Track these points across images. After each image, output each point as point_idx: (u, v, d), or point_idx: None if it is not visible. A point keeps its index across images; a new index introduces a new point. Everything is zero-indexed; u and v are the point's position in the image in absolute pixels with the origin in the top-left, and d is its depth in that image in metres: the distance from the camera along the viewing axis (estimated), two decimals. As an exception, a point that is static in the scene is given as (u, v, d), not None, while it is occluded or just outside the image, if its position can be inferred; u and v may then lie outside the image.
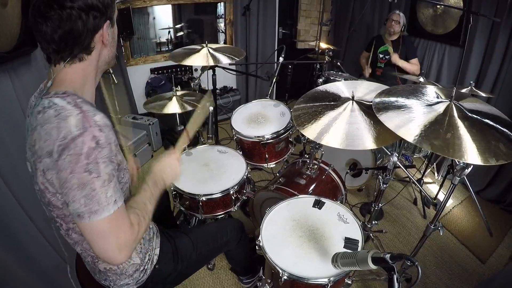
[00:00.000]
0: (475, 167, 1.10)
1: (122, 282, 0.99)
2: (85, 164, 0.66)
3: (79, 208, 0.67)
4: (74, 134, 0.66)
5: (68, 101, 0.71)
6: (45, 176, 0.71)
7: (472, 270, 1.95)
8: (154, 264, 1.06)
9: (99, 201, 0.68)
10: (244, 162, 1.74)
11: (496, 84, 2.39)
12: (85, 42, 0.73)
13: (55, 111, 0.69)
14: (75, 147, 0.65)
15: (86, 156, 0.66)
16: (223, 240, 1.34)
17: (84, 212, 0.67)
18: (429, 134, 1.05)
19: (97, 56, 0.79)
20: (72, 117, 0.67)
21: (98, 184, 0.68)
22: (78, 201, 0.67)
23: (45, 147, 0.68)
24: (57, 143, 0.66)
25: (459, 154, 0.99)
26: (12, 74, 1.34)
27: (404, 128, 1.08)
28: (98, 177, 0.68)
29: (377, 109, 1.19)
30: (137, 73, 3.29)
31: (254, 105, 2.02)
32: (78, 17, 0.68)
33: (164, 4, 3.32)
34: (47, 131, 0.68)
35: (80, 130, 0.66)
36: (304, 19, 3.98)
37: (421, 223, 2.30)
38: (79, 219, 0.68)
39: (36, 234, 1.38)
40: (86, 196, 0.67)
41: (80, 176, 0.66)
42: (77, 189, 0.66)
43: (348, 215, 1.32)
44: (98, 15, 0.72)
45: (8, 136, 1.28)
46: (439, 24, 2.79)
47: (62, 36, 0.69)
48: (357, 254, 0.89)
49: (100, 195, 0.68)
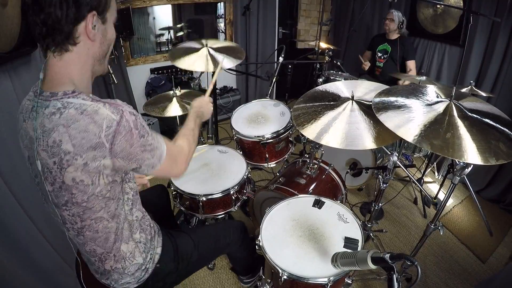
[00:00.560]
0: (475, 166, 1.10)
1: (123, 281, 0.99)
2: (137, 134, 0.77)
3: (150, 161, 0.84)
4: (117, 119, 0.73)
5: (83, 98, 0.75)
6: (85, 168, 0.73)
7: (472, 270, 1.95)
8: (156, 263, 1.06)
9: (157, 148, 0.85)
10: (244, 162, 1.74)
11: (496, 84, 2.39)
12: (64, 29, 0.72)
13: (76, 110, 0.72)
14: (124, 128, 0.74)
15: (135, 127, 0.76)
16: (225, 242, 1.34)
17: (155, 161, 0.85)
18: (428, 133, 1.05)
19: (86, 52, 0.78)
20: (102, 109, 0.73)
21: (150, 139, 0.82)
22: (147, 158, 0.82)
23: (85, 143, 0.71)
24: (103, 134, 0.72)
25: (459, 154, 0.99)
26: (12, 74, 1.33)
27: (403, 128, 1.08)
28: (148, 134, 0.82)
29: (376, 108, 1.19)
30: (137, 73, 3.29)
31: (254, 105, 2.03)
32: (58, 3, 0.69)
33: (164, 4, 3.32)
34: (81, 129, 0.70)
35: (118, 113, 0.74)
36: (304, 19, 3.98)
37: (421, 223, 2.30)
38: (153, 168, 0.86)
39: (36, 234, 1.38)
40: (149, 150, 0.82)
41: (138, 143, 0.78)
42: (141, 152, 0.80)
43: (348, 214, 1.32)
44: (79, 4, 0.71)
45: (8, 136, 1.28)
46: (439, 23, 2.79)
47: (43, 20, 0.70)
48: (357, 254, 0.89)
49: (155, 144, 0.84)
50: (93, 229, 0.85)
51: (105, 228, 0.86)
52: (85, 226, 0.84)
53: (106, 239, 0.89)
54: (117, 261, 0.95)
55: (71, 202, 0.79)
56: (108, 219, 0.86)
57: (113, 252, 0.92)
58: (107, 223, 0.86)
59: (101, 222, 0.85)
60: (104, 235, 0.87)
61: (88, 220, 0.83)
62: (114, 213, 0.86)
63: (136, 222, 0.97)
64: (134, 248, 0.97)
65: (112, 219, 0.87)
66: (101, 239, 0.88)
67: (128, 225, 0.93)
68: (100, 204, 0.81)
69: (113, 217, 0.87)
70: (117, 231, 0.90)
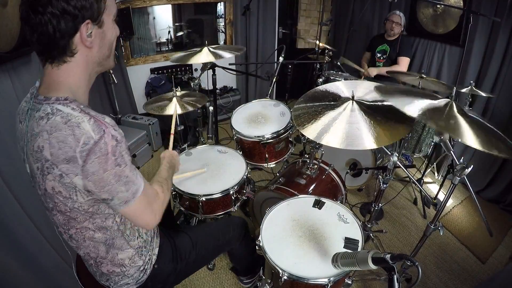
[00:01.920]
0: (475, 167, 1.10)
1: (122, 282, 0.99)
2: (114, 160, 0.72)
3: (123, 195, 0.77)
4: (95, 138, 0.69)
5: (72, 108, 0.72)
6: (62, 180, 0.72)
7: (472, 270, 1.95)
8: (153, 264, 1.06)
9: (134, 181, 0.79)
10: (244, 162, 1.73)
11: (496, 84, 2.39)
12: (60, 44, 0.72)
13: (62, 118, 0.70)
14: (99, 149, 0.70)
15: (112, 153, 0.72)
16: (225, 239, 1.34)
17: (129, 196, 0.78)
18: (433, 115, 1.08)
19: (84, 58, 0.78)
20: (85, 123, 0.70)
21: (127, 170, 0.77)
22: (121, 191, 0.76)
23: (61, 154, 0.69)
24: (78, 150, 0.68)
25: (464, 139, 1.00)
26: (12, 74, 1.34)
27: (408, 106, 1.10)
28: (126, 165, 0.76)
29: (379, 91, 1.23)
30: (137, 73, 3.29)
31: (254, 105, 2.02)
32: (48, 21, 0.68)
33: (164, 4, 3.32)
34: (60, 139, 0.69)
35: (99, 133, 0.70)
36: (304, 19, 3.98)
37: (421, 223, 2.30)
38: (126, 204, 0.79)
39: (36, 234, 1.38)
40: (125, 183, 0.77)
41: (113, 172, 0.73)
42: (115, 182, 0.74)
43: (348, 215, 1.32)
44: (70, 19, 0.70)
45: (8, 136, 1.28)
46: (439, 23, 2.79)
47: (38, 39, 0.71)
48: (357, 254, 0.89)
49: (132, 177, 0.79)
50: (80, 238, 0.85)
51: (92, 238, 0.86)
52: (72, 234, 0.84)
53: (96, 248, 0.89)
54: (114, 266, 0.94)
55: (56, 209, 0.79)
56: (94, 230, 0.84)
57: (108, 258, 0.92)
58: (93, 233, 0.85)
59: (87, 232, 0.84)
60: (92, 243, 0.87)
61: (73, 229, 0.83)
62: (101, 225, 0.85)
63: (133, 229, 0.95)
64: (134, 255, 0.97)
65: (99, 231, 0.85)
66: (91, 247, 0.88)
67: (122, 235, 0.91)
68: (83, 216, 0.80)
69: (100, 229, 0.85)
70: (107, 241, 0.89)
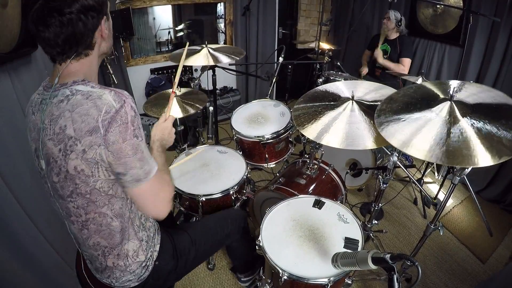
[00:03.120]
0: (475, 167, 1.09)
1: (124, 279, 0.99)
2: (132, 131, 0.75)
3: (137, 172, 0.78)
4: (117, 107, 0.73)
5: (92, 85, 0.77)
6: (85, 156, 0.74)
7: (472, 270, 1.95)
8: (154, 260, 1.06)
9: (149, 161, 0.81)
10: (244, 162, 1.74)
11: (496, 84, 2.39)
12: (87, 41, 0.78)
13: (83, 95, 0.74)
14: (120, 117, 0.73)
15: (131, 123, 0.75)
16: (223, 233, 1.33)
17: (141, 175, 0.79)
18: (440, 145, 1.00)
19: (97, 49, 0.84)
20: (106, 95, 0.74)
21: (143, 145, 0.79)
22: (135, 166, 0.77)
23: (84, 127, 0.72)
24: (100, 119, 0.71)
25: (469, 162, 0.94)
26: (12, 74, 1.33)
27: (411, 144, 1.04)
28: (142, 140, 0.79)
29: (379, 123, 1.15)
30: (137, 73, 3.29)
31: (254, 105, 2.03)
32: (78, 19, 0.72)
33: (164, 5, 3.33)
34: (82, 113, 0.72)
35: (120, 102, 0.74)
36: (304, 19, 3.98)
37: (421, 223, 2.30)
38: (137, 183, 0.79)
39: (36, 234, 1.38)
40: (140, 159, 0.78)
41: (132, 142, 0.75)
42: (132, 154, 0.76)
43: (348, 215, 1.32)
44: (95, 14, 0.76)
45: (8, 136, 1.28)
46: (439, 23, 2.79)
47: (65, 40, 0.74)
48: (357, 254, 0.89)
49: (146, 155, 0.80)
50: (97, 223, 0.86)
51: (109, 225, 0.87)
52: (89, 219, 0.85)
53: (110, 235, 0.89)
54: (119, 258, 0.95)
55: (75, 193, 0.80)
56: (112, 217, 0.86)
57: (117, 249, 0.93)
58: (110, 220, 0.86)
59: (105, 219, 0.85)
60: (108, 230, 0.88)
61: (92, 213, 0.84)
62: (119, 212, 0.87)
63: (140, 221, 0.98)
64: (138, 247, 0.98)
65: (116, 218, 0.87)
66: (105, 233, 0.88)
67: (132, 224, 0.94)
68: (103, 200, 0.82)
69: (117, 216, 0.87)
70: (122, 230, 0.90)
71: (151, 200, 0.85)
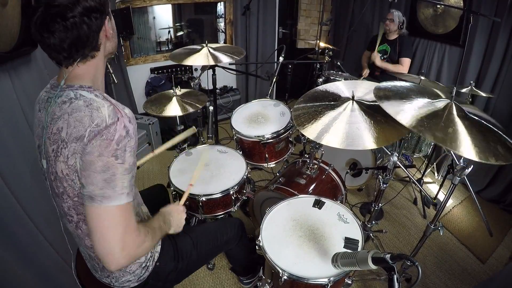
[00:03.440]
0: (475, 167, 1.10)
1: (124, 279, 0.99)
2: (114, 149, 0.70)
3: (93, 190, 0.70)
4: (108, 122, 0.71)
5: (96, 94, 0.76)
6: (67, 162, 0.73)
7: (472, 270, 1.95)
8: (155, 261, 1.06)
9: (115, 187, 0.71)
10: (244, 162, 1.73)
11: (496, 84, 2.39)
12: (93, 43, 0.78)
13: (85, 102, 0.74)
14: (107, 133, 0.70)
15: (116, 142, 0.71)
16: (223, 239, 1.35)
17: (97, 195, 0.71)
18: (431, 125, 1.05)
19: (103, 50, 0.83)
20: (105, 108, 0.73)
21: (120, 170, 0.72)
22: (96, 184, 0.70)
23: (74, 133, 0.71)
24: (89, 129, 0.70)
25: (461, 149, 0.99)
26: (12, 74, 1.33)
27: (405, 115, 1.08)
28: (123, 164, 0.72)
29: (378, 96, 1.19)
30: (137, 72, 3.29)
31: (254, 105, 2.02)
32: (82, 22, 0.72)
33: (164, 4, 3.33)
34: (77, 119, 0.72)
35: (113, 119, 0.72)
36: (304, 19, 3.98)
37: (421, 223, 2.30)
38: (90, 201, 0.71)
39: (36, 234, 1.38)
40: (106, 180, 0.70)
41: (106, 160, 0.70)
42: (100, 172, 0.70)
43: (348, 215, 1.32)
44: (98, 15, 0.75)
45: (8, 136, 1.28)
46: (439, 24, 2.79)
47: (71, 44, 0.73)
48: (357, 254, 0.89)
49: (117, 182, 0.72)
50: None
51: None
52: (81, 220, 0.84)
53: None
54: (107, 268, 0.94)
55: (66, 194, 0.80)
56: None
57: None
58: None
59: None
60: None
61: (82, 215, 0.83)
62: None
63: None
64: None
65: None
66: None
67: None
68: None
69: None
70: None
71: (100, 230, 0.72)
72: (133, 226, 0.77)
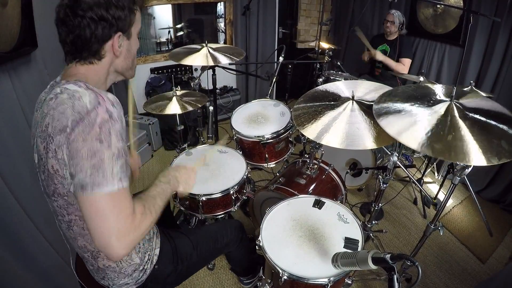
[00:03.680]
0: (476, 167, 1.09)
1: (121, 282, 0.99)
2: (97, 133, 0.68)
3: (84, 178, 0.68)
4: (89, 107, 0.70)
5: (79, 85, 0.75)
6: (56, 156, 0.72)
7: (472, 270, 1.95)
8: (154, 264, 1.06)
9: (104, 173, 0.68)
10: (244, 162, 1.73)
11: (496, 84, 2.39)
12: (92, 48, 0.79)
13: (68, 95, 0.73)
14: (89, 118, 0.69)
15: (99, 125, 0.69)
16: (223, 241, 1.34)
17: (88, 183, 0.68)
18: (430, 137, 1.03)
19: (108, 63, 0.85)
20: (86, 97, 0.72)
21: (107, 155, 0.69)
22: (85, 171, 0.68)
23: (57, 125, 0.70)
24: (70, 119, 0.69)
25: (461, 157, 0.97)
26: (12, 74, 1.33)
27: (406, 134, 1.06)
28: (109, 147, 0.69)
29: (377, 114, 1.17)
30: (137, 73, 3.19)
31: (254, 105, 2.02)
32: (87, 25, 0.75)
33: (164, 4, 3.32)
34: (60, 111, 0.71)
35: (94, 104, 0.70)
36: (304, 19, 3.98)
37: (421, 223, 2.30)
38: (82, 191, 0.68)
39: (36, 234, 1.38)
40: (94, 165, 0.68)
41: (91, 144, 0.68)
42: (87, 158, 0.68)
43: (348, 215, 1.32)
44: (107, 26, 0.77)
45: (8, 136, 1.28)
46: (439, 23, 2.79)
47: (73, 40, 0.77)
48: (357, 254, 0.89)
49: (106, 166, 0.69)
50: (79, 226, 0.84)
51: None
52: (72, 220, 0.83)
53: None
54: (109, 260, 0.93)
55: (56, 192, 0.79)
56: None
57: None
58: None
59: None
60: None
61: (73, 215, 0.82)
62: None
63: None
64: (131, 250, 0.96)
65: None
66: (88, 236, 0.85)
67: None
68: None
69: None
70: None
71: (95, 220, 0.69)
72: (128, 212, 0.72)
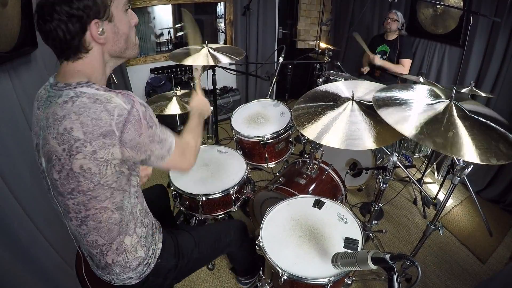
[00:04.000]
0: (475, 167, 1.10)
1: (125, 276, 0.99)
2: (146, 124, 0.81)
3: (159, 152, 0.88)
4: (128, 108, 0.77)
5: (96, 88, 0.78)
6: (94, 156, 0.75)
7: (472, 270, 1.95)
8: (157, 258, 1.07)
9: (166, 139, 0.90)
10: (244, 162, 1.74)
11: (496, 84, 2.39)
12: (73, 45, 0.78)
13: (89, 99, 0.75)
14: (133, 117, 0.77)
15: (143, 118, 0.80)
16: (226, 241, 1.35)
17: (164, 154, 0.89)
18: (431, 132, 1.05)
19: (99, 52, 0.83)
20: (115, 98, 0.76)
21: (158, 130, 0.86)
22: (156, 149, 0.86)
23: (96, 131, 0.74)
24: (114, 123, 0.74)
25: (462, 153, 0.98)
26: (12, 74, 1.33)
27: (405, 125, 1.08)
28: (156, 126, 0.85)
29: (377, 105, 1.19)
30: (137, 73, 3.29)
31: (254, 105, 2.02)
32: (57, 27, 0.74)
33: (164, 4, 3.32)
34: (93, 117, 0.73)
35: (130, 103, 0.78)
36: (304, 19, 3.98)
37: (421, 223, 2.30)
38: (163, 160, 0.90)
39: (36, 234, 1.38)
40: (158, 142, 0.86)
41: (147, 134, 0.81)
42: (150, 143, 0.83)
43: (348, 215, 1.32)
44: (76, 20, 0.75)
45: (8, 136, 1.28)
46: (439, 24, 2.79)
47: (53, 44, 0.78)
48: (357, 254, 0.89)
49: (163, 136, 0.88)
50: (96, 219, 0.86)
51: (109, 219, 0.87)
52: (89, 215, 0.85)
53: (109, 230, 0.89)
54: (118, 254, 0.95)
55: (77, 190, 0.80)
56: (113, 210, 0.86)
57: (115, 244, 0.92)
58: (111, 213, 0.86)
59: (105, 213, 0.85)
60: (107, 225, 0.88)
61: (92, 210, 0.84)
62: (120, 204, 0.87)
63: (140, 217, 0.98)
64: (137, 242, 0.98)
65: (117, 211, 0.87)
66: (104, 230, 0.88)
67: (133, 218, 0.94)
68: (105, 194, 0.82)
69: (118, 209, 0.87)
70: (121, 223, 0.90)
71: (178, 164, 1.00)
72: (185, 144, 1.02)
